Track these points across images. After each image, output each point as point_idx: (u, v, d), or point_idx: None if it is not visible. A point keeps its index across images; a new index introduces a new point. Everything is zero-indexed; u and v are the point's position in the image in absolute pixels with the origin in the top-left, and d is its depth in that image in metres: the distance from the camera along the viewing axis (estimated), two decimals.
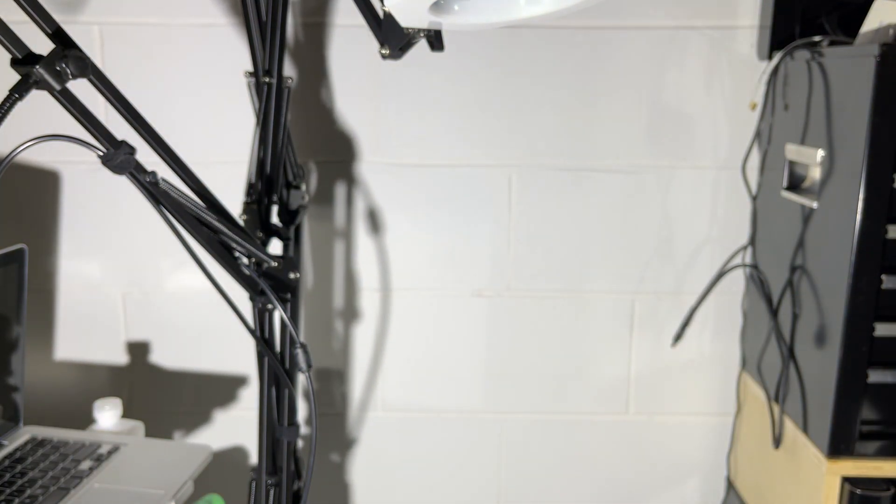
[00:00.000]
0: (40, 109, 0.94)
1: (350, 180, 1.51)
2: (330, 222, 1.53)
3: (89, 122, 0.74)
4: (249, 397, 1.58)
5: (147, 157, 0.80)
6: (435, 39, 0.89)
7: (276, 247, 1.21)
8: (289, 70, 1.45)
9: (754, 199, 1.47)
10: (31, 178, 1.50)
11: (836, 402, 1.15)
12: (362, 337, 1.57)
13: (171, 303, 1.55)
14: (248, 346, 1.53)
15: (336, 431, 1.61)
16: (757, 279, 1.44)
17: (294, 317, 1.15)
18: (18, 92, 0.66)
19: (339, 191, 1.52)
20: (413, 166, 1.50)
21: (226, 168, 1.45)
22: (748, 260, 1.50)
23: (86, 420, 1.27)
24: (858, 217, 1.09)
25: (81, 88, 0.73)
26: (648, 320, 1.56)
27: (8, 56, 0.68)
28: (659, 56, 1.46)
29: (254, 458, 1.59)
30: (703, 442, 1.61)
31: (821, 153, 1.20)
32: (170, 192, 0.82)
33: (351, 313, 1.56)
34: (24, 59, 0.67)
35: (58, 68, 0.68)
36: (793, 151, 1.31)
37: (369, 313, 1.56)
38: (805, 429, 1.25)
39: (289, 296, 1.11)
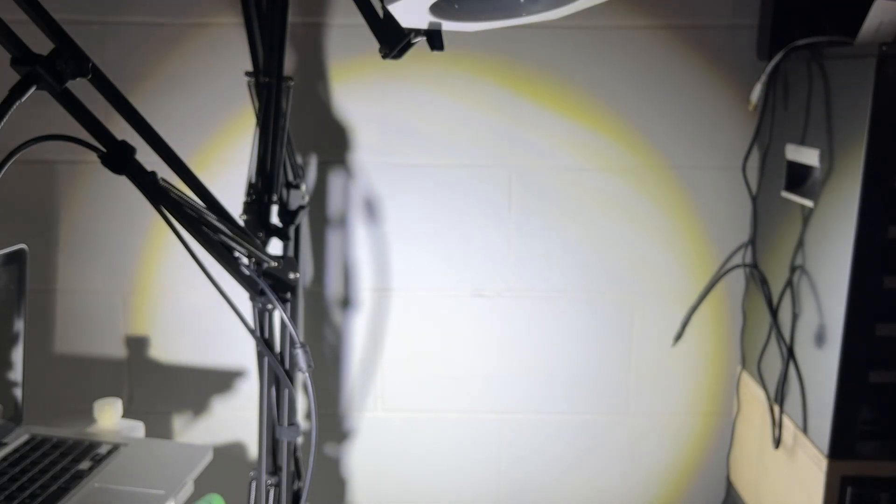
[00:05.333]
0: (40, 109, 0.94)
1: (350, 180, 1.51)
2: (330, 222, 1.53)
3: (89, 122, 0.74)
4: (249, 393, 1.58)
5: (147, 157, 0.80)
6: (435, 39, 0.89)
7: (275, 247, 1.21)
8: (289, 70, 1.45)
9: (754, 199, 1.47)
10: (31, 178, 1.50)
11: (836, 402, 1.15)
12: (362, 336, 1.57)
13: (170, 302, 1.55)
14: (247, 341, 1.53)
15: (336, 431, 1.61)
16: (757, 279, 1.44)
17: (294, 317, 1.15)
18: (18, 92, 0.66)
19: (339, 190, 1.52)
20: (413, 166, 1.50)
21: (226, 168, 1.45)
22: (748, 260, 1.50)
23: (86, 420, 1.27)
24: (858, 217, 1.09)
25: (81, 88, 0.73)
26: (648, 320, 1.56)
27: (8, 56, 0.68)
28: (659, 56, 1.46)
29: (253, 455, 1.59)
30: (703, 442, 1.61)
31: (821, 153, 1.20)
32: (170, 192, 0.82)
33: (351, 313, 1.56)
34: (24, 59, 0.67)
35: (58, 68, 0.68)
36: (793, 151, 1.31)
37: (369, 313, 1.56)
38: (805, 429, 1.25)
39: (289, 296, 1.11)
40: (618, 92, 1.48)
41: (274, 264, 1.04)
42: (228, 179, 1.43)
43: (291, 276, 1.09)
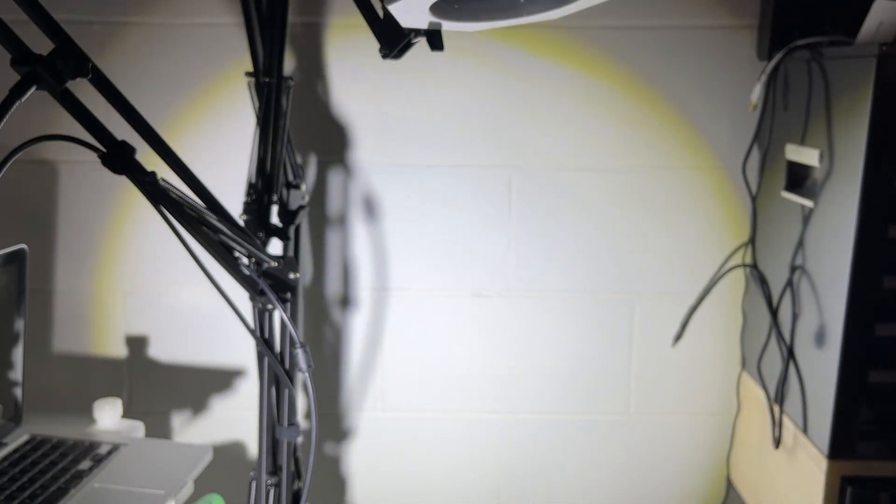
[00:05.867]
0: (40, 109, 0.94)
1: (350, 180, 1.51)
2: (329, 221, 1.53)
3: (89, 122, 0.74)
4: (249, 392, 1.58)
5: (147, 157, 0.80)
6: (435, 39, 0.89)
7: (275, 247, 1.21)
8: (289, 70, 1.45)
9: (754, 199, 1.47)
10: (30, 178, 1.50)
11: (836, 402, 1.15)
12: (362, 337, 1.57)
13: (169, 301, 1.55)
14: (247, 341, 1.53)
15: (336, 431, 1.61)
16: (757, 279, 1.44)
17: (294, 317, 1.15)
18: (18, 92, 0.66)
19: (339, 190, 1.52)
20: (413, 166, 1.50)
21: (226, 168, 1.45)
22: (748, 260, 1.50)
23: (86, 420, 1.28)
24: (858, 217, 1.09)
25: (81, 88, 0.73)
26: (648, 320, 1.56)
27: (8, 56, 0.68)
28: (659, 56, 1.46)
29: (253, 455, 1.59)
30: (703, 442, 1.61)
31: (821, 153, 1.20)
32: (170, 192, 0.82)
33: (351, 313, 1.56)
34: (24, 59, 0.67)
35: (58, 68, 0.68)
36: (793, 151, 1.31)
37: (369, 313, 1.56)
38: (805, 429, 1.25)
39: (289, 296, 1.11)
40: (617, 92, 1.48)
41: (274, 264, 1.04)
42: (228, 179, 1.43)
43: (291, 276, 1.09)
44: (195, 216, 0.87)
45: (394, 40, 0.84)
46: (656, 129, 1.49)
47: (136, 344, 1.56)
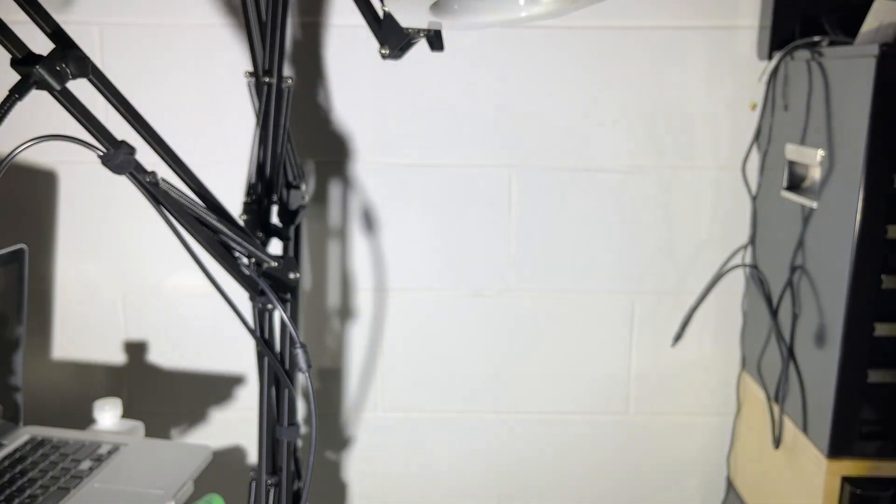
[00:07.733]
0: (40, 109, 0.94)
1: (349, 180, 1.51)
2: (329, 222, 1.53)
3: (89, 122, 0.74)
4: (248, 397, 1.58)
5: (147, 157, 0.80)
6: (435, 39, 0.89)
7: (275, 247, 1.21)
8: (288, 70, 1.45)
9: (754, 199, 1.47)
10: (30, 179, 1.50)
11: (836, 402, 1.15)
12: (362, 337, 1.57)
13: (169, 303, 1.55)
14: (247, 345, 1.53)
15: (335, 431, 1.61)
16: (757, 279, 1.44)
17: (294, 317, 1.15)
18: (18, 92, 0.66)
19: (339, 190, 1.52)
20: (412, 166, 1.50)
21: (226, 168, 1.45)
22: (748, 260, 1.51)
23: (86, 420, 1.28)
24: (858, 217, 1.09)
25: (81, 88, 0.73)
26: (648, 320, 1.56)
27: (8, 56, 0.68)
28: (659, 56, 1.46)
29: (253, 458, 1.59)
30: (703, 442, 1.61)
31: (821, 153, 1.20)
32: (170, 192, 0.82)
33: (350, 313, 1.56)
34: (24, 59, 0.67)
35: (58, 68, 0.68)
36: (793, 151, 1.31)
37: (369, 313, 1.56)
38: (805, 429, 1.25)
39: (289, 296, 1.11)
40: (618, 91, 1.48)
41: (274, 264, 1.05)
42: (228, 179, 1.43)
43: (291, 276, 1.09)
44: (195, 216, 0.87)
45: (394, 41, 0.84)
46: (656, 129, 1.49)
47: (136, 345, 1.56)
